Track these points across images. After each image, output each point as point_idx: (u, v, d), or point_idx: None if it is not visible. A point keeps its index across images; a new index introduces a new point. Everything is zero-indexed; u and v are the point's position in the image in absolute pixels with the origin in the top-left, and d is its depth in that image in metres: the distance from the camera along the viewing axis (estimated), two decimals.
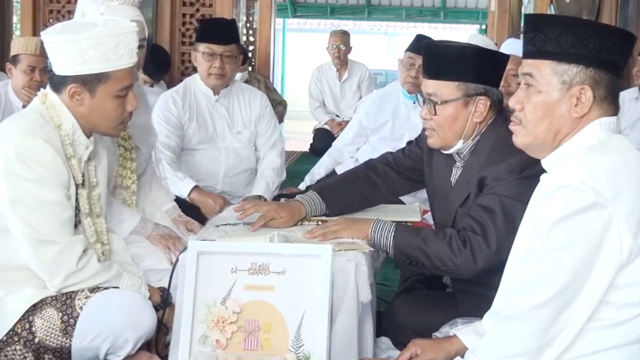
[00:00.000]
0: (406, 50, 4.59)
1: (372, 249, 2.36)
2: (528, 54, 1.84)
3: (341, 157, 4.88)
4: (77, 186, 2.31)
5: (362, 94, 7.70)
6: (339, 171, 4.67)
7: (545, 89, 1.80)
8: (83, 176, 2.33)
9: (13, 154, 2.18)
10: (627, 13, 6.22)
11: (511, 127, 1.89)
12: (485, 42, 4.86)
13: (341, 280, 2.14)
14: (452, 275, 2.39)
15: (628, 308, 1.69)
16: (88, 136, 2.37)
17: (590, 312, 1.68)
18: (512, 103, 1.87)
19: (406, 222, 2.55)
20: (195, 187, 3.69)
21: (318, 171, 4.86)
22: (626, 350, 1.70)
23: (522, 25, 1.95)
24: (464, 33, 20.54)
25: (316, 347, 2.02)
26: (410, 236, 2.32)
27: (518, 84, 1.91)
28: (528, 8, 8.05)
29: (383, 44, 24.82)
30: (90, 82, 2.27)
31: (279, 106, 7.02)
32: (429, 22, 19.16)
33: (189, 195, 3.66)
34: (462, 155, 2.44)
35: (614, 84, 1.79)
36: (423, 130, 2.51)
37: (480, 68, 2.35)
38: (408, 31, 24.31)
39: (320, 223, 2.54)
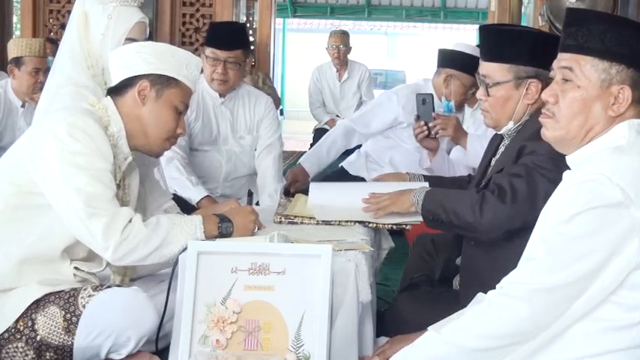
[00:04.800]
0: (456, 69, 4.25)
1: (372, 249, 2.36)
2: (568, 48, 1.82)
3: (351, 143, 4.66)
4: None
5: (362, 94, 7.71)
6: (348, 168, 4.60)
7: (584, 85, 1.78)
8: (118, 186, 2.34)
9: (64, 132, 2.22)
10: (627, 13, 6.22)
11: (542, 119, 1.88)
12: (469, 49, 4.78)
13: (341, 280, 2.14)
14: (464, 231, 2.43)
15: (635, 312, 1.67)
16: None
17: (589, 308, 1.67)
18: (545, 95, 1.86)
19: (406, 224, 2.55)
20: (207, 197, 3.68)
21: (328, 153, 4.60)
22: (630, 353, 1.69)
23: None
24: (464, 33, 20.60)
25: (316, 347, 2.02)
26: (436, 194, 2.48)
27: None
28: (528, 8, 8.05)
29: (383, 44, 24.85)
30: (160, 82, 2.37)
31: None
32: (429, 22, 19.21)
33: (198, 202, 3.65)
34: (509, 134, 2.50)
35: None
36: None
37: (531, 51, 2.40)
38: (408, 31, 24.37)
39: (320, 222, 2.54)
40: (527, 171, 2.29)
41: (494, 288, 2.16)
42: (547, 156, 2.22)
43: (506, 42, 2.44)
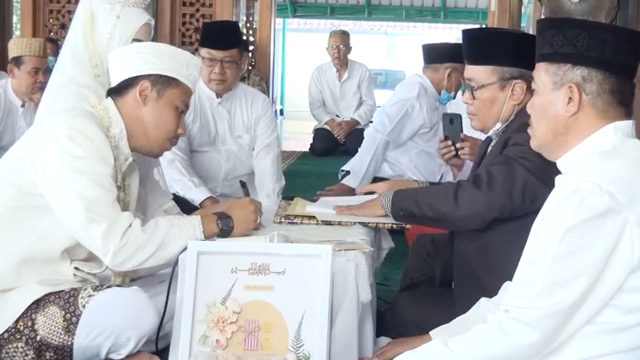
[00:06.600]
0: (456, 62, 4.36)
1: (372, 249, 2.36)
2: (537, 59, 1.87)
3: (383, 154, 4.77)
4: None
5: (362, 94, 7.71)
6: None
7: (540, 91, 1.84)
8: (118, 187, 2.34)
9: (64, 135, 2.22)
10: (627, 13, 6.21)
11: (528, 131, 1.93)
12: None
13: (341, 280, 2.14)
14: (438, 223, 2.45)
15: (633, 314, 1.67)
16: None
17: (592, 314, 1.67)
18: (526, 108, 1.92)
19: (406, 226, 2.55)
20: (210, 198, 3.70)
21: (374, 170, 4.70)
22: (629, 355, 1.69)
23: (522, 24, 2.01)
24: None
25: (316, 347, 2.02)
26: (406, 191, 2.51)
27: None
28: (528, 8, 8.05)
29: (383, 44, 24.85)
30: (161, 83, 2.37)
31: None
32: (429, 22, 19.17)
33: (201, 203, 3.66)
34: (497, 134, 2.50)
35: (612, 82, 1.78)
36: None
37: (515, 52, 2.41)
38: (408, 31, 24.36)
39: (320, 222, 2.54)
40: (506, 160, 2.31)
41: (487, 284, 2.18)
42: (527, 146, 2.23)
43: (488, 44, 2.45)
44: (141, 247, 2.23)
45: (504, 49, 2.42)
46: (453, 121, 3.11)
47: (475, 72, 2.46)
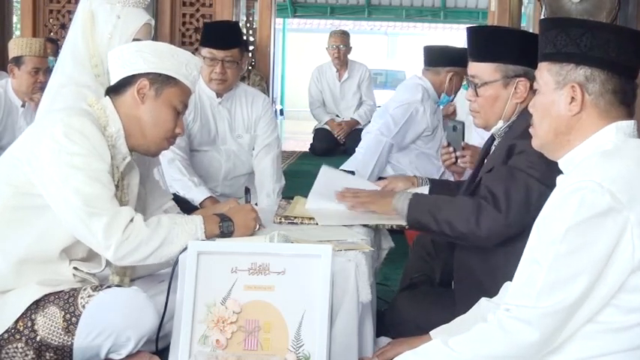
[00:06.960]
0: (458, 66, 4.40)
1: (372, 249, 2.36)
2: (539, 58, 1.88)
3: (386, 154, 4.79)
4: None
5: (362, 95, 7.71)
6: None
7: (543, 90, 1.85)
8: (117, 186, 2.34)
9: (61, 133, 2.22)
10: (627, 13, 6.21)
11: (530, 130, 1.94)
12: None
13: (341, 280, 2.14)
14: (458, 241, 2.43)
15: (634, 313, 1.67)
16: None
17: (592, 314, 1.67)
18: (528, 107, 1.92)
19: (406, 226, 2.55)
20: (210, 197, 3.70)
21: (380, 173, 4.72)
22: (629, 355, 1.69)
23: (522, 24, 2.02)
24: (464, 33, 20.59)
25: (316, 347, 2.02)
26: (422, 202, 2.45)
27: None
28: (528, 8, 8.05)
29: (383, 44, 24.85)
30: (159, 81, 2.36)
31: None
32: (429, 22, 19.16)
33: (201, 203, 3.67)
34: (499, 133, 2.50)
35: (615, 82, 1.78)
36: None
37: (519, 50, 2.41)
38: (408, 31, 24.37)
39: (318, 223, 2.54)
40: (519, 175, 2.29)
41: (488, 285, 2.17)
42: (537, 155, 2.23)
43: (493, 41, 2.46)
44: (144, 242, 2.23)
45: (508, 46, 2.43)
46: (456, 129, 3.13)
47: (479, 69, 2.47)
